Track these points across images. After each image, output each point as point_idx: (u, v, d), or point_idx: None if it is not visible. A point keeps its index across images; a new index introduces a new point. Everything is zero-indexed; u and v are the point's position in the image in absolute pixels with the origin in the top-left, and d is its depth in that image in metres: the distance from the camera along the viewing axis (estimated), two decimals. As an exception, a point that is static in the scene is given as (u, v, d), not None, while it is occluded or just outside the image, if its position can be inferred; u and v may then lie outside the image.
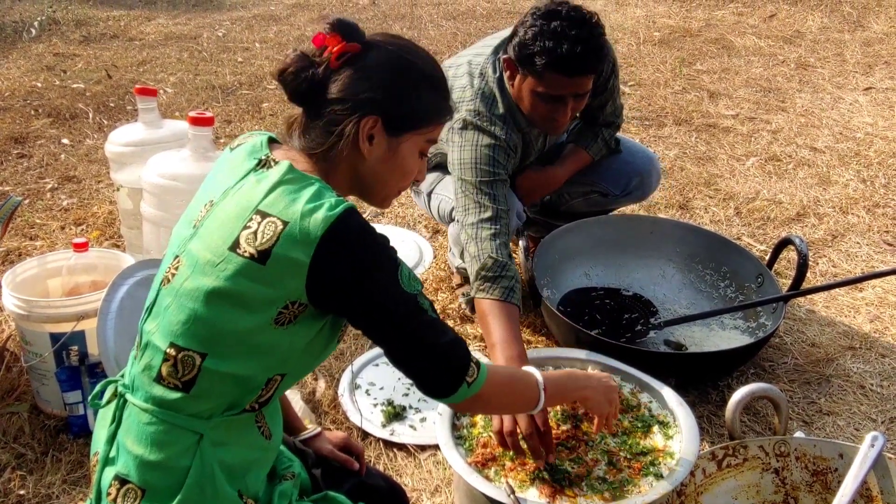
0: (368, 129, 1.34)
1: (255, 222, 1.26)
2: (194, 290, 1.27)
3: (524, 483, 1.69)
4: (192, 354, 1.28)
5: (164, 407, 1.30)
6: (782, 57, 5.64)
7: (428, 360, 1.34)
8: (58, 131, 4.28)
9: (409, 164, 1.41)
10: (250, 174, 1.33)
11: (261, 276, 1.24)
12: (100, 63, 5.46)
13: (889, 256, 3.14)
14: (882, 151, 4.06)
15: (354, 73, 1.34)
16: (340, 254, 1.25)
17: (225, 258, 1.26)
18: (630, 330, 2.54)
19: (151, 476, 1.30)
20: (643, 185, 2.82)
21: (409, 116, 1.37)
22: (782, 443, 1.79)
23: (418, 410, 2.27)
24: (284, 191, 1.28)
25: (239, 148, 1.42)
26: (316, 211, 1.24)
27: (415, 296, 1.31)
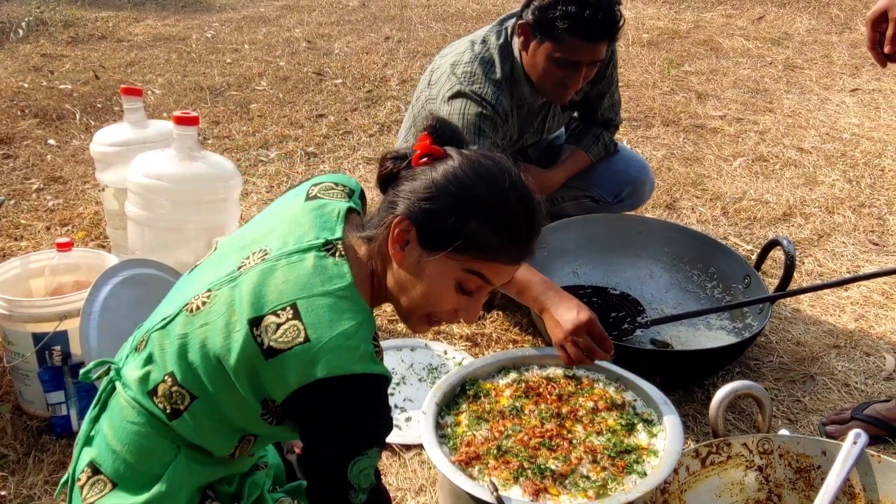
0: (401, 231, 1.27)
1: (285, 316, 1.19)
2: (206, 341, 1.25)
3: (508, 481, 1.69)
4: (184, 392, 1.27)
5: (148, 417, 1.31)
6: (770, 58, 5.66)
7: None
8: (44, 132, 4.26)
9: (436, 287, 1.28)
10: (312, 252, 1.26)
11: (257, 369, 1.21)
12: (87, 64, 5.43)
13: (874, 256, 3.15)
14: (868, 152, 4.08)
15: (423, 176, 1.27)
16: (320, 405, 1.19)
17: (240, 329, 1.21)
18: (617, 328, 2.54)
19: (124, 473, 1.31)
20: (636, 193, 2.83)
21: (444, 235, 1.25)
22: (766, 440, 1.80)
23: (403, 410, 2.27)
24: (330, 306, 1.20)
25: (315, 202, 1.36)
26: (336, 351, 1.17)
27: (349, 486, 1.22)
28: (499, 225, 1.25)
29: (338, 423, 1.19)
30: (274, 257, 1.26)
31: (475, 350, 2.54)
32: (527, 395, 1.93)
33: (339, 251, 1.27)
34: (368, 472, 1.24)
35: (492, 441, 1.79)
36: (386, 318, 2.71)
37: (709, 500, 1.75)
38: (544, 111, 2.61)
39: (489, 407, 1.89)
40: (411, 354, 2.51)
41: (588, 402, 1.91)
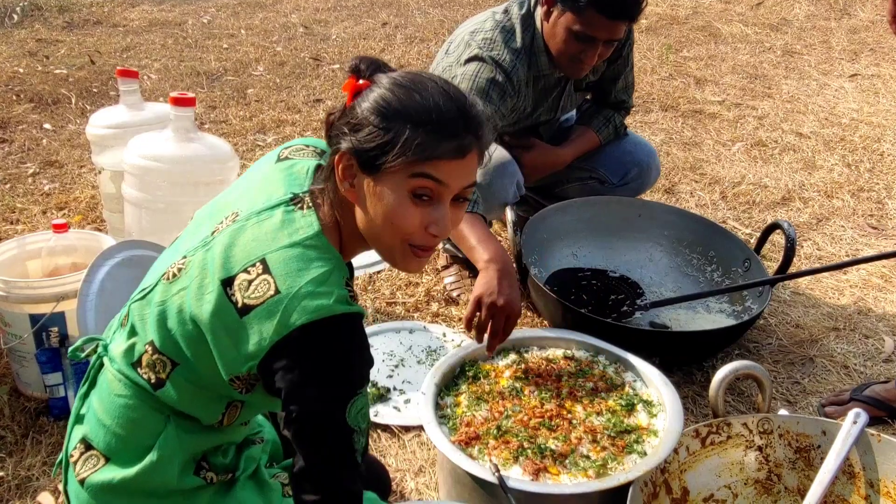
0: (344, 168, 1.25)
1: (255, 272, 1.19)
2: (183, 306, 1.25)
3: (508, 461, 1.68)
4: (164, 360, 1.28)
5: (135, 388, 1.31)
6: (769, 44, 5.64)
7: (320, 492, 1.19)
8: (40, 116, 4.23)
9: (394, 207, 1.23)
10: (280, 207, 1.26)
11: (234, 330, 1.19)
12: (83, 49, 5.40)
13: (873, 239, 3.15)
14: (867, 137, 4.07)
15: (350, 109, 1.25)
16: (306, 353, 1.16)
17: (213, 290, 1.21)
18: (616, 310, 2.53)
19: (116, 446, 1.31)
20: (641, 177, 2.82)
21: (380, 152, 1.21)
22: (766, 420, 1.79)
23: (402, 392, 2.26)
24: (298, 256, 1.19)
25: (285, 162, 1.35)
26: (309, 297, 1.15)
27: (352, 430, 1.19)
28: (428, 123, 1.20)
29: (328, 368, 1.16)
30: (244, 217, 1.26)
31: (474, 332, 2.53)
32: (526, 376, 1.93)
33: (307, 203, 1.27)
34: (365, 411, 1.22)
35: (491, 421, 1.78)
36: (384, 301, 2.70)
37: (709, 479, 1.75)
38: (560, 87, 2.60)
39: (489, 388, 1.89)
40: (410, 337, 2.50)
41: (588, 382, 1.91)
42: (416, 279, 2.81)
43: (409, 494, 1.94)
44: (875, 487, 1.72)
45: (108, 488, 1.31)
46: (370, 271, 2.82)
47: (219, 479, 1.36)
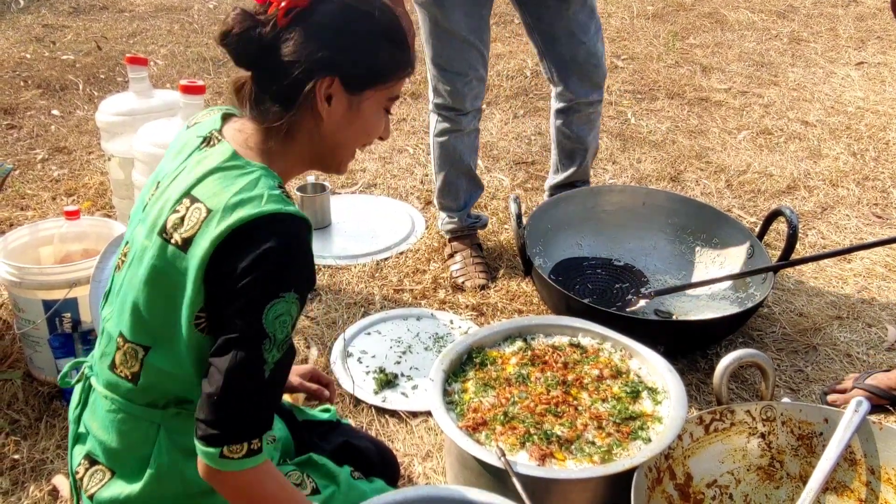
0: (326, 90, 1.25)
1: (185, 206, 1.19)
2: (133, 278, 1.24)
3: (514, 447, 1.71)
4: (136, 347, 1.26)
5: (120, 396, 1.29)
6: (775, 31, 5.63)
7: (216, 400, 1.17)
8: (48, 102, 4.25)
9: (371, 123, 1.32)
10: (194, 154, 1.27)
11: (183, 267, 1.18)
12: (89, 35, 5.41)
13: (878, 228, 3.16)
14: (873, 125, 4.07)
15: (305, 31, 1.22)
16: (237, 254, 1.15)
17: (154, 244, 1.21)
18: (621, 299, 2.56)
19: (118, 459, 1.31)
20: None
21: (367, 73, 1.27)
22: (769, 408, 1.82)
23: (410, 378, 2.29)
24: (220, 177, 1.20)
25: (196, 126, 1.35)
26: (241, 206, 1.16)
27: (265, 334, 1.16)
28: (395, 39, 1.30)
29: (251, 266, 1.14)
30: (166, 180, 1.28)
31: (481, 319, 2.56)
32: (533, 363, 1.95)
33: (216, 138, 1.27)
34: (285, 319, 1.17)
35: (498, 407, 1.81)
36: (391, 288, 2.72)
37: (712, 465, 1.78)
38: None
39: (495, 374, 1.91)
40: (417, 324, 2.53)
41: (593, 369, 1.94)
42: (424, 266, 2.84)
43: (416, 479, 1.97)
44: (876, 474, 1.74)
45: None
46: (376, 258, 2.85)
47: None
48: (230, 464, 1.18)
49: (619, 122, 4.13)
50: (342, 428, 1.72)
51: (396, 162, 3.68)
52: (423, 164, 3.64)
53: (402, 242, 2.98)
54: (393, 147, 3.82)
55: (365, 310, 2.60)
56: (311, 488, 1.45)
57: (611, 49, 5.16)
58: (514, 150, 3.78)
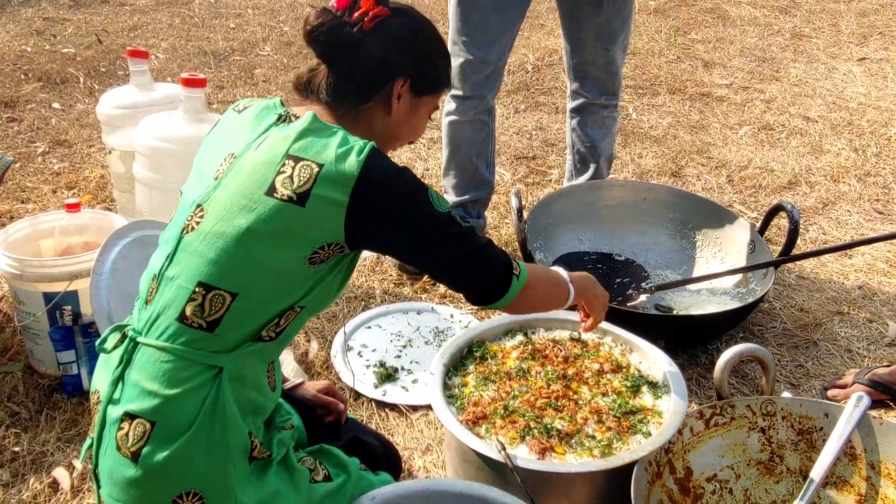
0: (399, 89, 1.45)
1: (290, 167, 1.31)
2: (227, 231, 1.31)
3: (514, 440, 1.71)
4: (222, 294, 1.31)
5: (183, 345, 1.31)
6: (777, 27, 5.62)
7: (477, 267, 1.44)
8: (48, 95, 4.25)
9: (421, 124, 1.55)
10: (272, 128, 1.39)
11: (300, 217, 1.30)
12: (90, 28, 5.40)
13: (879, 224, 3.16)
14: (874, 121, 4.07)
15: (388, 37, 1.42)
16: (378, 190, 1.32)
17: (261, 202, 1.31)
18: (621, 294, 2.56)
19: (165, 409, 1.30)
20: None
21: (430, 80, 1.50)
22: (769, 402, 1.82)
23: (410, 372, 2.29)
24: (314, 137, 1.34)
25: (248, 109, 1.47)
26: (349, 154, 1.31)
27: (448, 213, 1.39)
28: (447, 57, 1.55)
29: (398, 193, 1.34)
30: (242, 150, 1.38)
31: (481, 313, 2.56)
32: (533, 357, 1.95)
33: (293, 115, 1.41)
34: (440, 195, 1.41)
35: (498, 401, 1.81)
36: (391, 282, 2.72)
37: (712, 460, 1.78)
38: None
39: (496, 368, 1.92)
40: (418, 318, 2.53)
41: (594, 364, 1.94)
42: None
43: (416, 472, 1.97)
44: (876, 469, 1.74)
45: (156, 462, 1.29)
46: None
47: (260, 450, 1.36)
48: (522, 277, 1.49)
49: (621, 117, 4.12)
50: (350, 423, 1.76)
51: (397, 156, 3.68)
52: (425, 159, 3.64)
53: (402, 237, 2.97)
54: (394, 141, 3.81)
55: (365, 304, 2.60)
56: (324, 475, 1.49)
57: (612, 44, 5.15)
58: (515, 146, 3.77)
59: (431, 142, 3.80)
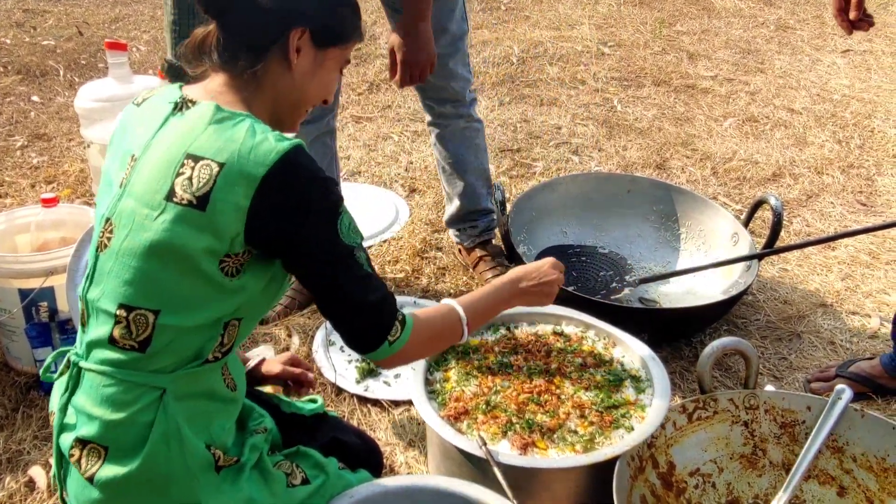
0: (297, 41, 1.31)
1: (189, 167, 1.21)
2: (136, 246, 1.23)
3: (496, 436, 1.70)
4: (143, 313, 1.25)
5: (121, 368, 1.27)
6: (762, 18, 5.63)
7: (353, 315, 1.33)
8: (27, 88, 4.20)
9: (330, 81, 1.41)
10: (169, 119, 1.29)
11: (202, 223, 1.21)
12: (71, 20, 5.34)
13: (862, 216, 3.17)
14: (858, 113, 4.07)
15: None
16: (281, 195, 1.21)
17: (162, 209, 1.22)
18: (605, 287, 2.55)
19: (114, 434, 1.27)
20: None
21: (334, 31, 1.36)
22: (752, 396, 1.81)
23: (393, 367, 2.27)
24: (215, 131, 1.23)
25: (146, 101, 1.37)
26: (255, 149, 1.21)
27: (352, 248, 1.29)
28: (355, 10, 1.40)
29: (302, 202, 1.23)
30: (141, 152, 1.28)
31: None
32: (515, 352, 1.94)
33: (188, 101, 1.29)
34: (355, 226, 1.31)
35: (480, 396, 1.79)
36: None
37: (695, 454, 1.77)
38: None
39: (478, 363, 1.90)
40: (400, 312, 2.51)
41: (576, 358, 1.93)
42: (407, 255, 2.81)
43: (398, 468, 1.96)
44: (858, 462, 1.74)
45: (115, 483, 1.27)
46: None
47: (225, 458, 1.33)
48: (398, 343, 1.37)
49: (606, 109, 4.12)
50: (330, 422, 1.71)
51: (381, 149, 3.66)
52: (408, 152, 3.62)
53: (385, 230, 2.96)
54: (378, 134, 3.79)
55: (348, 298, 2.58)
56: (301, 478, 1.45)
57: (598, 36, 5.14)
58: (500, 138, 3.76)
59: (416, 134, 3.78)
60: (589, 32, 5.20)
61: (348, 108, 4.04)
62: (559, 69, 4.59)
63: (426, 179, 3.36)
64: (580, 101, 4.19)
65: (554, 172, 3.41)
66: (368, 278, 1.32)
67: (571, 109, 4.09)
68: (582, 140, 3.76)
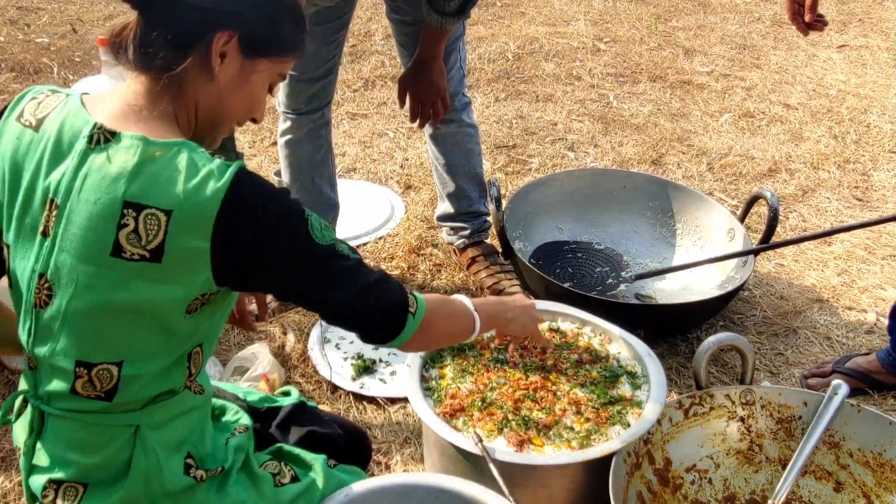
0: (223, 46, 1.17)
1: (131, 218, 1.10)
2: (87, 307, 1.15)
3: (492, 433, 1.69)
4: (106, 367, 1.18)
5: (90, 412, 1.21)
6: (758, 14, 5.62)
7: (367, 304, 1.25)
8: (22, 86, 4.17)
9: (257, 96, 1.26)
10: (88, 157, 1.13)
11: (161, 276, 1.12)
12: (65, 17, 5.31)
13: (858, 211, 3.16)
14: (854, 108, 4.07)
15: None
16: (242, 227, 1.12)
17: (112, 267, 1.12)
18: (601, 283, 2.54)
19: (92, 473, 1.23)
20: None
21: (268, 40, 1.21)
22: (748, 391, 1.81)
23: (388, 364, 2.27)
24: (151, 171, 1.10)
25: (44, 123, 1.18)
26: (201, 187, 1.09)
27: (332, 245, 1.21)
28: (298, 17, 1.25)
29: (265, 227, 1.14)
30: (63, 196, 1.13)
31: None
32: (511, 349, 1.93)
33: (105, 133, 1.14)
34: (324, 223, 1.22)
35: (476, 393, 1.79)
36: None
37: (691, 450, 1.77)
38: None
39: (473, 360, 1.89)
40: (396, 309, 2.50)
41: (572, 354, 1.92)
42: (403, 251, 2.81)
43: (394, 466, 1.95)
44: (854, 457, 1.74)
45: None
46: (354, 244, 2.82)
47: (209, 474, 1.29)
48: (419, 313, 1.31)
49: (601, 105, 4.11)
50: (307, 413, 1.63)
51: (376, 146, 3.65)
52: (404, 149, 3.61)
53: (381, 227, 2.95)
54: (373, 131, 3.78)
55: (343, 295, 2.57)
56: (290, 476, 1.42)
57: (593, 32, 5.13)
58: (495, 134, 3.75)
59: (411, 131, 3.77)
60: (584, 28, 5.19)
61: (343, 105, 4.03)
62: (555, 65, 4.58)
63: (421, 176, 3.35)
64: (576, 97, 4.18)
65: (550, 169, 3.40)
66: (359, 265, 1.25)
67: (567, 105, 4.08)
68: (578, 136, 3.75)
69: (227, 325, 2.38)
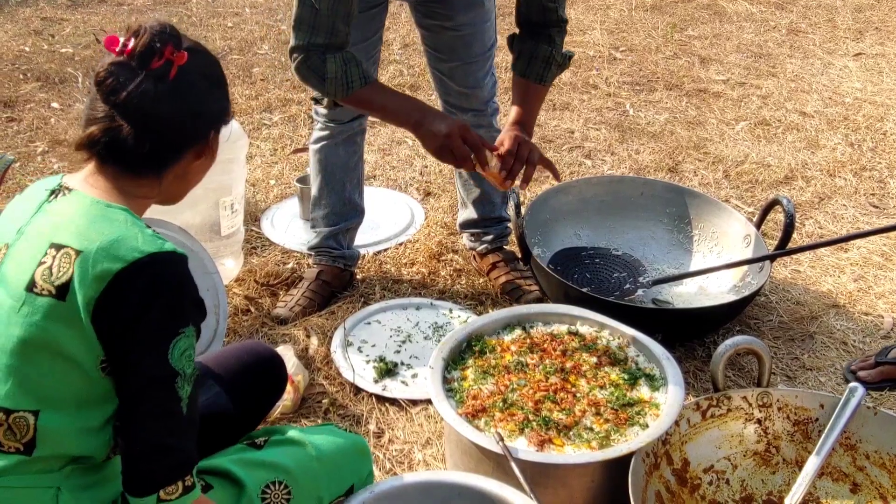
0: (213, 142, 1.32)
1: (50, 256, 1.14)
2: (6, 345, 1.16)
3: (513, 433, 1.73)
4: (23, 415, 1.16)
5: (7, 475, 1.18)
6: (774, 23, 5.64)
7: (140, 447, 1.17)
8: (47, 95, 4.26)
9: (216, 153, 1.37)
10: (44, 206, 1.21)
11: (65, 315, 1.13)
12: (88, 28, 5.41)
13: (874, 218, 3.18)
14: (870, 116, 4.09)
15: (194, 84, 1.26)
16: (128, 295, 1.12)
17: (24, 301, 1.14)
18: (619, 288, 2.57)
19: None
20: None
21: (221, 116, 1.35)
22: (765, 394, 1.84)
23: (410, 367, 2.31)
24: (83, 219, 1.16)
25: (30, 187, 1.31)
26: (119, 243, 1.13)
27: (175, 373, 1.15)
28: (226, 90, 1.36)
29: (145, 309, 1.13)
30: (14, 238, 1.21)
31: (479, 308, 2.57)
32: (531, 351, 1.97)
33: (65, 188, 1.23)
34: (190, 353, 1.18)
35: (497, 395, 1.83)
36: (391, 279, 2.74)
37: (709, 451, 1.80)
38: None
39: (495, 362, 1.93)
40: (416, 313, 2.54)
41: (591, 357, 1.96)
42: (423, 257, 2.85)
43: (416, 466, 1.99)
44: (871, 459, 1.77)
45: None
46: (375, 249, 2.86)
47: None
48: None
49: (618, 113, 4.15)
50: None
51: (396, 153, 3.70)
52: (423, 156, 3.65)
53: (401, 233, 2.99)
54: (392, 139, 3.83)
55: (365, 300, 2.62)
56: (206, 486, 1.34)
57: (609, 41, 5.17)
58: (513, 142, 3.78)
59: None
60: (600, 37, 5.23)
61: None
62: (571, 74, 4.62)
63: (441, 183, 3.40)
64: (592, 106, 4.22)
65: (567, 176, 3.44)
66: (176, 418, 1.17)
67: (584, 114, 4.12)
68: (595, 144, 3.79)
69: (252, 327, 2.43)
